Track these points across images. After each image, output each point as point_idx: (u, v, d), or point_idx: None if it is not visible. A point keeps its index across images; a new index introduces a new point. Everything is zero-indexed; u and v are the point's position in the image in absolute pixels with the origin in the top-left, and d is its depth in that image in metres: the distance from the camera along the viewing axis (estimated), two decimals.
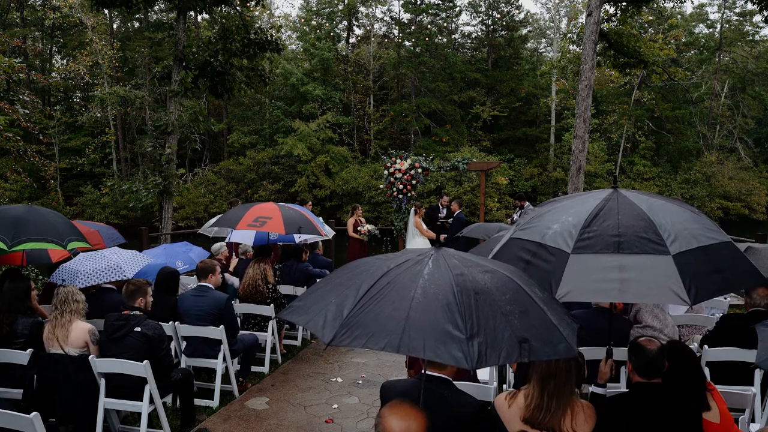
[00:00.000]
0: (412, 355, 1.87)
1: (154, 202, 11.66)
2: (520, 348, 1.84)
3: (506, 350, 1.82)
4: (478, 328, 1.83)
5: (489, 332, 1.84)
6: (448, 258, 2.14)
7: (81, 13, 25.85)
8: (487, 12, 33.20)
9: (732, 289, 2.69)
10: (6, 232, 4.50)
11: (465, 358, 1.73)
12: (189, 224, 24.44)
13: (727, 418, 2.77)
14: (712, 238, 2.53)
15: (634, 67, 13.19)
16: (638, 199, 2.70)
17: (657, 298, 2.43)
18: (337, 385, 5.54)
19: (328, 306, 2.00)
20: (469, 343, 1.78)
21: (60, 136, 27.41)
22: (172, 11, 19.72)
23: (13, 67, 9.14)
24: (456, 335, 1.80)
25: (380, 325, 1.85)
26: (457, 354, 1.75)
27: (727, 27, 32.76)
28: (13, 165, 10.70)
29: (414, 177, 11.97)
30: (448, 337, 1.79)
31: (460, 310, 1.86)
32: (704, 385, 2.82)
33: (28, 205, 4.99)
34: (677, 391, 2.75)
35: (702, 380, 2.83)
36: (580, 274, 2.44)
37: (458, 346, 1.77)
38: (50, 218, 4.89)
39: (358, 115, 31.13)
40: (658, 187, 28.79)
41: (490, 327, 1.86)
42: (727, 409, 2.81)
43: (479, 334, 1.81)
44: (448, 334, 1.80)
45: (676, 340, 3.40)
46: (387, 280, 2.02)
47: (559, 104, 29.94)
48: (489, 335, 1.83)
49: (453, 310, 1.86)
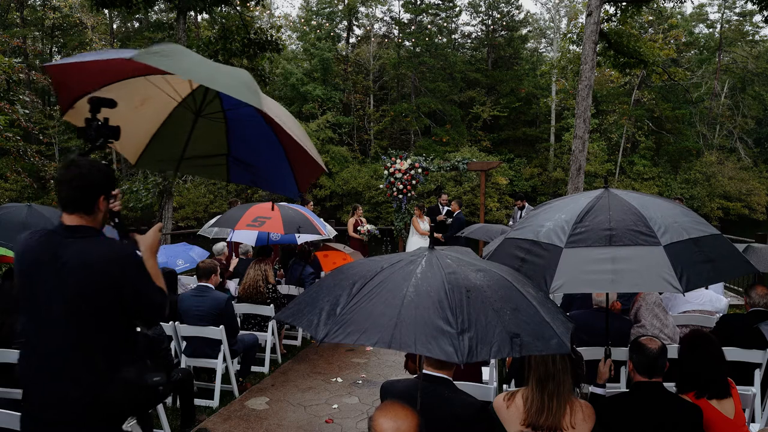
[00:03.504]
0: (403, 351, 1.89)
1: (154, 202, 11.67)
2: (512, 343, 1.86)
3: (497, 345, 1.84)
4: (469, 324, 1.86)
5: (480, 327, 1.87)
6: (441, 258, 2.16)
7: (81, 13, 25.86)
8: (487, 12, 33.23)
9: (723, 278, 2.74)
10: (9, 237, 4.52)
11: (456, 352, 1.75)
12: (189, 224, 24.44)
13: (740, 416, 2.79)
14: (701, 230, 2.58)
15: (634, 67, 13.21)
16: (629, 197, 2.77)
17: (649, 287, 2.48)
18: (337, 385, 5.54)
19: (323, 306, 2.03)
20: (459, 337, 1.80)
21: (60, 136, 27.40)
22: (172, 11, 19.73)
23: (13, 67, 9.16)
24: (447, 330, 1.82)
25: (372, 322, 1.87)
26: (447, 348, 1.77)
27: (727, 27, 32.78)
28: (13, 165, 10.72)
29: (414, 177, 11.97)
30: (439, 332, 1.82)
31: (451, 306, 1.89)
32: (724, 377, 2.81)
33: (29, 205, 5.01)
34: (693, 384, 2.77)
35: (722, 371, 2.82)
36: (573, 267, 2.49)
37: (449, 341, 1.79)
38: (52, 219, 4.91)
39: (358, 115, 31.14)
40: (658, 187, 28.81)
41: (481, 322, 1.88)
42: (742, 408, 2.82)
43: (470, 329, 1.84)
44: (439, 329, 1.82)
45: (697, 330, 3.39)
46: (380, 279, 2.05)
47: (559, 104, 29.95)
48: (480, 330, 1.86)
49: (444, 307, 1.88)
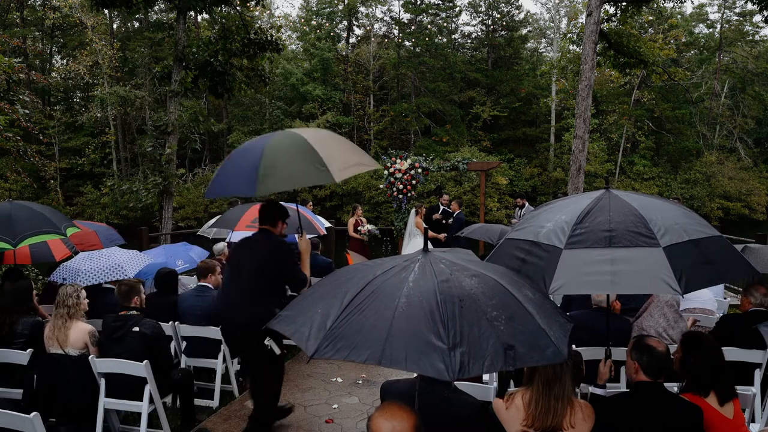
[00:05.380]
0: (393, 368, 1.86)
1: (154, 202, 11.67)
2: (506, 355, 1.81)
3: (490, 359, 1.79)
4: (461, 337, 1.80)
5: (473, 341, 1.81)
6: (435, 263, 2.10)
7: (81, 13, 25.82)
8: (487, 12, 33.22)
9: (723, 280, 2.73)
10: (5, 231, 4.51)
11: (446, 369, 1.71)
12: (189, 224, 24.43)
13: (739, 416, 2.79)
14: (702, 232, 2.57)
15: (634, 67, 13.20)
16: (629, 198, 2.76)
17: (648, 289, 2.47)
18: (337, 385, 5.54)
19: (314, 316, 1.97)
20: (451, 353, 1.75)
21: (60, 136, 27.40)
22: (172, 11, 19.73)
23: (13, 67, 9.16)
24: (438, 345, 1.77)
25: (363, 337, 1.83)
26: (438, 365, 1.73)
27: (727, 27, 32.77)
28: (13, 165, 10.72)
29: (414, 177, 11.97)
30: (430, 347, 1.77)
31: (443, 319, 1.83)
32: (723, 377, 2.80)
33: (10, 201, 4.98)
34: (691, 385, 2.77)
35: (721, 373, 2.81)
36: (572, 268, 2.48)
37: (440, 357, 1.74)
38: (39, 210, 4.93)
39: (358, 115, 31.13)
40: (658, 187, 28.80)
41: (474, 335, 1.83)
42: (741, 409, 2.82)
43: (462, 344, 1.79)
44: (430, 345, 1.77)
45: (695, 331, 3.38)
46: (372, 289, 1.99)
47: (559, 104, 29.95)
48: (473, 344, 1.80)
49: (436, 320, 1.83)
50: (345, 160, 3.54)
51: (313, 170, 3.32)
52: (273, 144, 3.53)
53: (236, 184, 3.49)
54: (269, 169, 3.33)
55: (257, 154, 3.44)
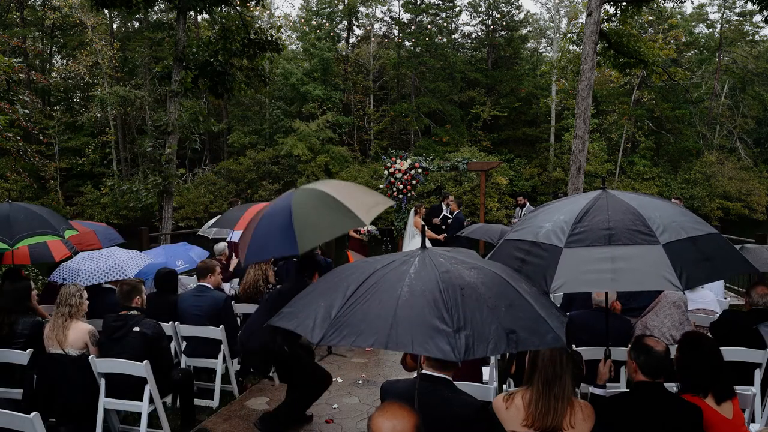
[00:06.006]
0: (400, 351, 1.90)
1: (154, 202, 11.67)
2: (508, 339, 1.87)
3: (494, 341, 1.85)
4: (465, 322, 1.86)
5: (476, 325, 1.87)
6: (434, 257, 2.16)
7: (81, 13, 25.82)
8: (487, 12, 33.22)
9: (722, 276, 2.76)
10: (3, 232, 4.51)
11: (453, 350, 1.76)
12: (189, 224, 24.42)
13: (739, 416, 2.79)
14: (699, 229, 2.59)
15: (634, 67, 13.21)
16: (627, 197, 2.78)
17: (649, 285, 2.48)
18: (337, 385, 5.53)
19: (317, 309, 2.01)
20: (456, 335, 1.81)
21: (60, 136, 27.39)
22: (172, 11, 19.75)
23: (13, 67, 9.16)
24: (443, 329, 1.82)
25: (368, 324, 1.87)
26: (444, 347, 1.78)
27: (727, 27, 32.77)
28: (13, 165, 10.72)
29: (414, 177, 11.97)
30: (436, 331, 1.82)
31: (446, 305, 1.89)
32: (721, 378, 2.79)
33: (9, 202, 4.98)
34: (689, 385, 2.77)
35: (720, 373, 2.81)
36: (573, 267, 2.49)
37: (445, 339, 1.80)
38: (37, 211, 4.93)
39: (358, 115, 31.14)
40: (658, 187, 28.80)
41: (476, 320, 1.88)
42: (740, 409, 2.81)
43: (466, 327, 1.84)
44: (435, 329, 1.82)
45: (693, 331, 3.38)
46: (374, 280, 2.05)
47: (559, 104, 29.95)
48: (476, 328, 1.86)
49: (439, 306, 1.89)
50: (365, 202, 3.93)
51: (343, 219, 3.72)
52: (298, 202, 3.89)
53: (276, 247, 3.81)
54: (303, 225, 3.69)
55: (286, 216, 3.77)
